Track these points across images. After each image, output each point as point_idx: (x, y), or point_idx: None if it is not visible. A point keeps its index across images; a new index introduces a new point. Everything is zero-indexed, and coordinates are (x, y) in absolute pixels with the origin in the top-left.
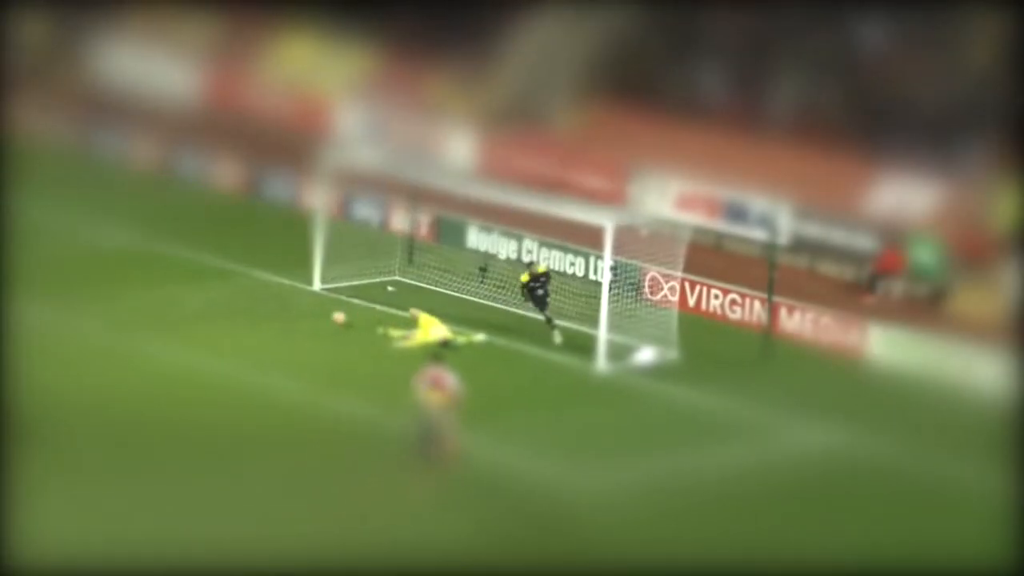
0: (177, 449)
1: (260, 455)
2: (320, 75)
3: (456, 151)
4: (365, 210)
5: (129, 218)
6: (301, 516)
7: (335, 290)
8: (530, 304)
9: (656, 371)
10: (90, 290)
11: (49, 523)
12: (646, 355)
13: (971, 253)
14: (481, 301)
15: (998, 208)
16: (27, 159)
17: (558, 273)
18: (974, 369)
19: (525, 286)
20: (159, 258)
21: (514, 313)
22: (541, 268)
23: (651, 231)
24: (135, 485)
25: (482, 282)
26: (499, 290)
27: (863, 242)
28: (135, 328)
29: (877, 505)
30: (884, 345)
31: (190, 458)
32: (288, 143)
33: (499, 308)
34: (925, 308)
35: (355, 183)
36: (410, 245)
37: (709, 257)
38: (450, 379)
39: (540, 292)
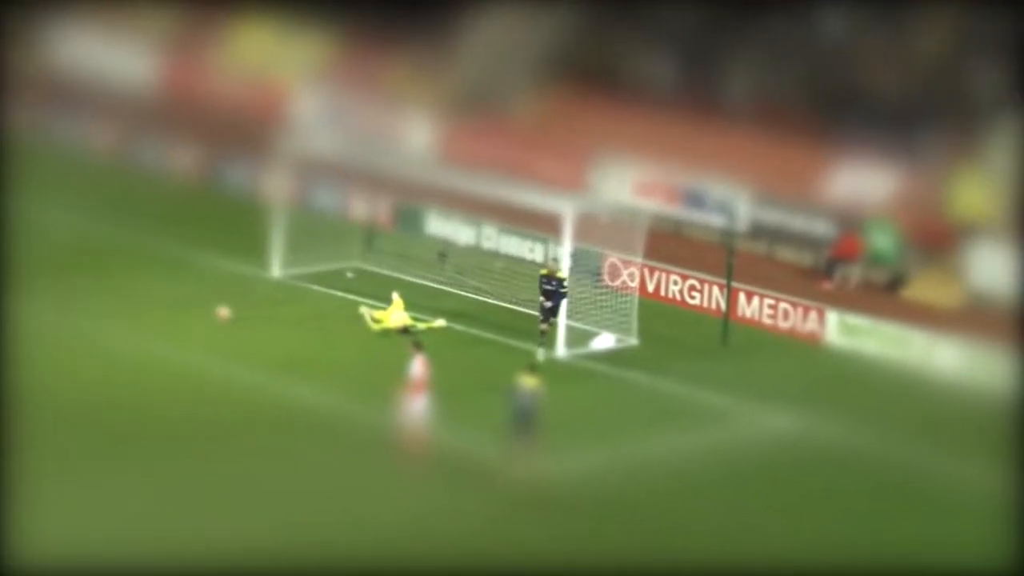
0: (136, 437)
1: (219, 443)
2: (278, 62)
3: (415, 138)
4: (324, 197)
5: (86, 206)
6: (261, 504)
7: (294, 277)
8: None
9: (615, 356)
10: (45, 278)
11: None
12: (605, 340)
13: (928, 239)
14: (441, 287)
15: (956, 195)
16: None
17: (516, 259)
18: (932, 354)
19: (543, 279)
20: (117, 246)
21: (473, 299)
22: (560, 273)
23: (610, 218)
24: (91, 473)
25: (442, 268)
26: (458, 276)
27: (821, 228)
28: (92, 316)
29: (836, 490)
30: (842, 331)
31: (149, 447)
32: (246, 130)
33: (459, 294)
34: (882, 294)
35: (314, 170)
36: (369, 232)
37: (668, 243)
38: (425, 371)
39: (547, 292)
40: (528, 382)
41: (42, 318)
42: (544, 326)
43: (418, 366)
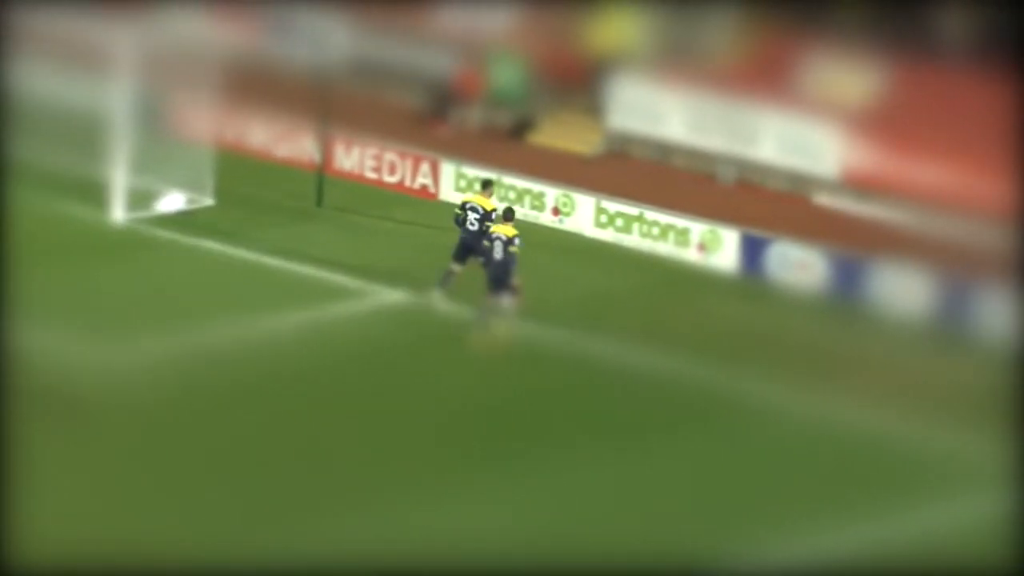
0: None
1: None
2: None
3: None
4: None
5: None
6: None
7: None
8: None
9: (186, 221)
10: None
11: None
12: (174, 202)
13: (561, 75)
14: None
15: (593, 22)
16: None
17: (65, 106)
18: (566, 209)
19: (462, 208)
20: None
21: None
22: (491, 205)
23: (177, 50)
24: None
25: None
26: None
27: (434, 63)
28: None
29: (453, 361)
30: (459, 185)
31: None
32: None
33: None
34: (507, 140)
35: None
36: None
37: (249, 82)
38: None
39: (472, 229)
40: (505, 231)
41: None
42: (458, 267)
43: None
